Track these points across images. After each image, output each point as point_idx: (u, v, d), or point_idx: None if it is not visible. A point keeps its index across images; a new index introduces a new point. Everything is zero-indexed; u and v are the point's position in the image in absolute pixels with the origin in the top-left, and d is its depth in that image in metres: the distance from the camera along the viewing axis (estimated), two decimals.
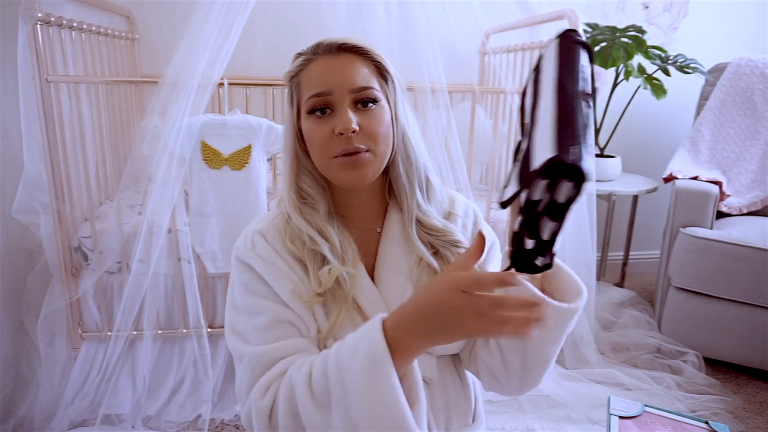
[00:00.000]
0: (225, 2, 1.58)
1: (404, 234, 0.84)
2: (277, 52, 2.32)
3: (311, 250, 0.79)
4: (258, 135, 1.61)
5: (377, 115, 0.78)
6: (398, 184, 0.84)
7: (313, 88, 0.77)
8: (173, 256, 1.66)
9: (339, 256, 0.79)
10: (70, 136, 1.62)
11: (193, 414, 1.63)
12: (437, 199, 0.87)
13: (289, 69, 0.83)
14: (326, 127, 0.76)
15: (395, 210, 0.86)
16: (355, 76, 0.77)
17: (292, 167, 0.83)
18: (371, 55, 0.79)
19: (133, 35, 2.24)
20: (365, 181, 0.77)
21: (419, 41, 1.74)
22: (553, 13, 1.78)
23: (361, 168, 0.76)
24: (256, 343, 0.74)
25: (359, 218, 0.86)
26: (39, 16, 1.43)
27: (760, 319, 1.86)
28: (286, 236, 0.80)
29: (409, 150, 0.83)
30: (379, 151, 0.77)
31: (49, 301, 1.63)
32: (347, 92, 0.76)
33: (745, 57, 2.35)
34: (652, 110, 2.67)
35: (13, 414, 1.57)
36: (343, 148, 0.75)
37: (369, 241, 0.85)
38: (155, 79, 1.60)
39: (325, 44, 0.79)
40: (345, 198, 0.84)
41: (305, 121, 0.79)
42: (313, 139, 0.78)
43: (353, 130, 0.74)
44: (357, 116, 0.76)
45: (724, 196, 2.14)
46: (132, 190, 1.95)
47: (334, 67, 0.77)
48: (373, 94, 0.78)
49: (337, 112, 0.76)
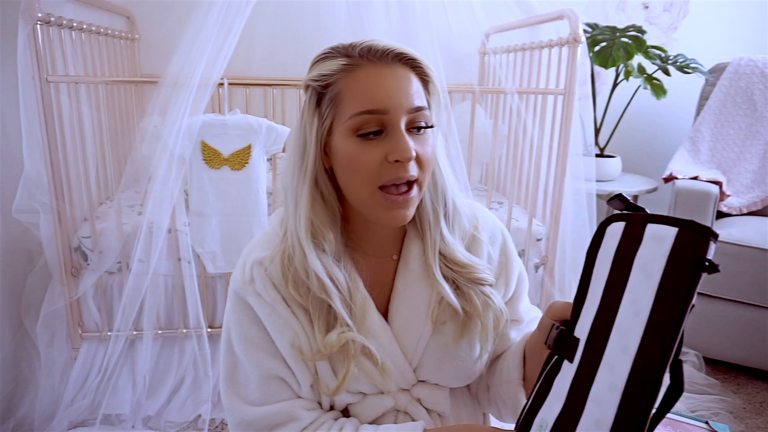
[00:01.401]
0: (225, 2, 1.58)
1: (424, 266, 0.75)
2: (277, 52, 2.32)
3: (318, 299, 0.69)
4: (258, 135, 1.61)
5: (428, 140, 0.68)
6: (422, 213, 0.75)
7: (364, 104, 0.64)
8: (173, 256, 1.66)
9: (348, 305, 0.70)
10: (70, 136, 1.62)
11: (193, 414, 1.62)
12: (463, 226, 0.78)
13: (321, 70, 0.68)
14: (377, 152, 0.64)
15: (415, 237, 0.76)
16: (412, 94, 0.66)
17: (310, 195, 0.69)
18: (424, 70, 0.69)
19: (133, 35, 2.24)
20: (407, 221, 0.68)
21: (419, 41, 1.74)
22: (553, 13, 1.78)
23: (408, 208, 0.67)
24: (246, 396, 0.71)
25: (375, 246, 0.76)
26: (39, 16, 1.43)
27: (760, 319, 1.86)
28: (289, 281, 0.69)
29: (437, 175, 0.74)
30: (425, 181, 0.69)
31: (49, 301, 1.63)
32: (404, 112, 0.65)
33: (745, 57, 2.35)
34: (652, 110, 2.67)
35: (13, 414, 1.57)
36: (397, 176, 0.65)
37: (384, 270, 0.77)
38: (155, 79, 1.60)
39: (378, 50, 0.66)
40: (363, 224, 0.74)
41: (345, 141, 0.66)
42: (359, 165, 0.65)
43: (412, 158, 0.64)
44: (412, 141, 0.65)
45: (724, 196, 2.14)
46: (132, 190, 1.95)
47: (389, 79, 0.65)
48: (428, 118, 0.68)
49: (391, 136, 0.65)
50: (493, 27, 2.17)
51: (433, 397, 0.77)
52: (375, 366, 0.71)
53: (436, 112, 0.71)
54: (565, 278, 1.92)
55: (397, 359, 0.74)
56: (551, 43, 1.84)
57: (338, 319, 0.69)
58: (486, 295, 0.75)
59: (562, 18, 1.75)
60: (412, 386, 0.77)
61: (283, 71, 2.32)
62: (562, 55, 1.79)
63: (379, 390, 0.74)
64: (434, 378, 0.77)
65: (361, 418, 0.75)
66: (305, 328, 0.71)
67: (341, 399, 0.74)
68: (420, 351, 0.75)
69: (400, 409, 0.76)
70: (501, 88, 1.90)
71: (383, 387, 0.73)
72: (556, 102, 1.81)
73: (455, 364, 0.76)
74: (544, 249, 1.87)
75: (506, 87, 1.86)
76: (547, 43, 1.86)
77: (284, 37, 2.32)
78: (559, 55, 1.81)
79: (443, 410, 0.78)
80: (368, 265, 0.75)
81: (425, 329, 0.74)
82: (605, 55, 2.16)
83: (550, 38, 1.85)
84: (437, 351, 0.75)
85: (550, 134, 1.86)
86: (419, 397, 0.77)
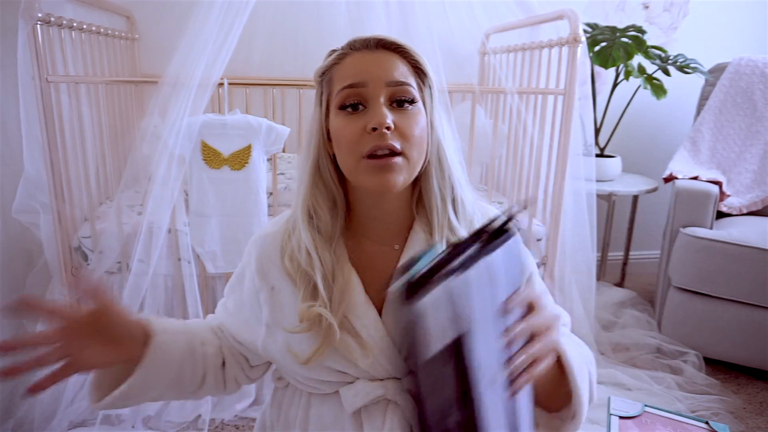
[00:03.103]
0: (225, 2, 1.58)
1: None
2: (277, 52, 2.32)
3: (305, 273, 0.75)
4: (258, 135, 1.61)
5: (413, 116, 0.72)
6: (430, 199, 0.77)
7: (346, 80, 0.72)
8: (173, 256, 1.66)
9: (329, 284, 0.74)
10: (69, 136, 1.61)
11: (193, 414, 1.62)
12: (466, 218, 0.80)
13: (320, 65, 0.77)
14: (358, 124, 0.71)
15: (421, 228, 0.79)
16: (393, 70, 0.72)
17: (311, 176, 0.76)
18: (410, 54, 0.75)
19: (133, 35, 2.24)
20: (395, 186, 0.71)
21: (419, 41, 1.74)
22: (553, 13, 1.78)
23: (393, 172, 0.70)
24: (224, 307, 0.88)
25: (378, 232, 0.80)
26: (39, 16, 1.43)
27: (760, 319, 1.86)
28: (286, 254, 0.77)
29: (444, 162, 0.77)
30: (412, 155, 0.72)
31: None
32: (383, 85, 0.71)
33: (745, 57, 2.35)
34: (652, 110, 2.67)
35: (13, 414, 1.57)
36: (376, 144, 0.69)
37: (384, 258, 0.79)
38: (155, 79, 1.60)
39: (362, 39, 0.75)
40: (367, 209, 0.78)
41: (335, 118, 0.73)
42: (342, 137, 0.72)
43: (388, 126, 0.69)
44: (392, 115, 0.71)
45: (724, 196, 2.14)
46: (132, 190, 1.95)
47: (371, 60, 0.73)
48: (411, 93, 0.73)
49: (370, 108, 0.71)
50: (493, 27, 2.17)
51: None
52: (356, 343, 0.74)
53: (430, 94, 0.76)
54: (565, 278, 1.92)
55: (381, 340, 0.75)
56: (551, 43, 1.83)
57: (318, 294, 0.74)
58: None
59: (562, 18, 1.75)
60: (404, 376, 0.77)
61: (283, 71, 2.32)
62: (562, 55, 1.79)
63: (370, 375, 0.76)
64: None
65: (351, 403, 0.76)
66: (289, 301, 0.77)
67: (325, 376, 0.76)
68: None
69: (390, 398, 0.76)
70: (501, 88, 1.90)
71: (363, 367, 0.74)
72: (556, 102, 1.81)
73: None
74: (544, 249, 1.87)
75: (506, 87, 1.87)
76: (547, 43, 1.86)
77: (284, 37, 2.32)
78: (559, 55, 1.81)
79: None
80: (367, 252, 0.79)
81: None
82: (605, 55, 2.16)
83: (550, 38, 1.85)
84: None
85: (550, 134, 1.86)
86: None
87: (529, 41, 1.99)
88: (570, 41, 1.70)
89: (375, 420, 0.76)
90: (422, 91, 0.75)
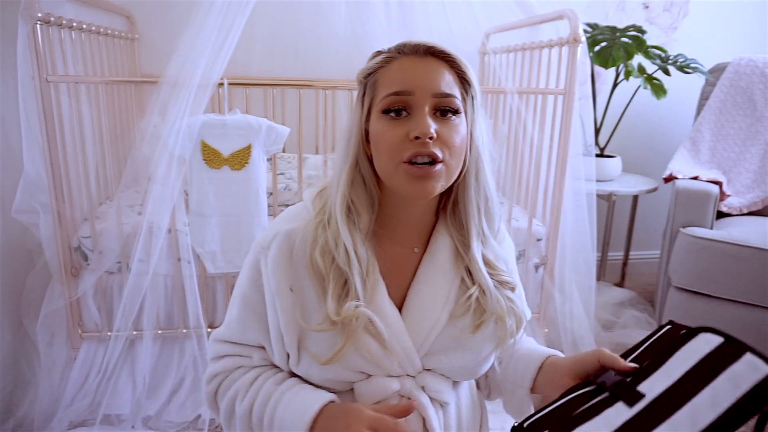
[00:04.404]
0: (225, 2, 1.58)
1: (452, 260, 0.79)
2: (277, 52, 2.32)
3: (339, 270, 0.74)
4: (258, 135, 1.61)
5: (455, 126, 0.73)
6: (467, 208, 0.79)
7: (393, 87, 0.72)
8: (173, 256, 1.66)
9: (363, 281, 0.74)
10: (69, 136, 1.61)
11: (193, 414, 1.62)
12: (495, 228, 0.82)
13: (366, 66, 0.77)
14: (400, 130, 0.71)
15: (444, 232, 0.81)
16: (440, 81, 0.72)
17: (350, 173, 0.76)
18: (458, 64, 0.75)
19: (133, 35, 2.24)
20: (432, 194, 0.72)
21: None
22: (553, 13, 1.78)
23: (431, 180, 0.71)
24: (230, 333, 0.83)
25: (401, 234, 0.81)
26: (39, 16, 1.43)
27: (760, 319, 1.86)
28: (317, 247, 0.74)
29: (480, 173, 0.78)
30: (452, 164, 0.73)
31: (48, 301, 1.63)
32: (429, 96, 0.71)
33: (745, 57, 2.35)
34: (652, 110, 2.67)
35: (13, 414, 1.57)
36: (417, 151, 0.70)
37: (403, 260, 0.80)
38: (155, 79, 1.60)
39: (412, 45, 0.74)
40: (394, 211, 0.79)
41: (377, 121, 0.73)
42: (383, 141, 0.72)
43: (431, 136, 0.69)
44: (435, 124, 0.71)
45: (725, 196, 2.14)
46: (132, 190, 1.95)
47: (419, 68, 0.73)
48: (456, 104, 0.73)
49: (414, 116, 0.71)
50: (493, 27, 2.16)
51: (437, 386, 0.79)
52: (378, 343, 0.74)
53: (472, 105, 0.76)
54: (565, 278, 1.92)
55: (403, 342, 0.76)
56: (551, 43, 1.83)
57: (350, 293, 0.73)
58: (510, 299, 0.80)
59: (562, 18, 1.75)
60: (418, 373, 0.79)
61: (283, 71, 2.32)
62: (562, 55, 1.79)
63: (387, 372, 0.76)
64: (441, 368, 0.79)
65: (366, 398, 0.77)
66: (310, 299, 0.75)
67: (343, 375, 0.76)
68: (431, 339, 0.77)
69: (404, 394, 0.77)
70: (501, 88, 1.90)
71: (383, 367, 0.75)
72: (556, 102, 1.81)
73: (464, 358, 0.78)
74: (544, 249, 1.87)
75: (506, 87, 1.87)
76: (547, 43, 1.86)
77: (284, 37, 2.32)
78: (559, 55, 1.81)
79: (446, 400, 0.80)
80: (388, 253, 0.79)
81: (440, 319, 0.77)
82: (605, 55, 2.15)
83: (550, 38, 1.85)
84: (449, 341, 0.78)
85: (550, 134, 1.86)
86: (423, 384, 0.79)
87: (529, 41, 1.99)
88: (570, 41, 1.70)
89: None
90: (465, 102, 0.76)
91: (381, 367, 0.75)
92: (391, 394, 0.77)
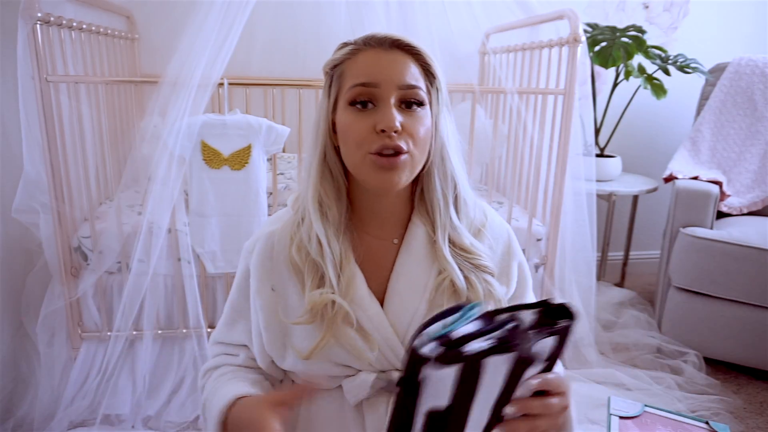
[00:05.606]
0: (225, 2, 1.58)
1: (427, 250, 0.80)
2: (277, 52, 2.32)
3: (313, 263, 0.76)
4: (258, 135, 1.61)
5: (420, 118, 0.74)
6: (431, 197, 0.80)
7: (359, 78, 0.73)
8: (173, 256, 1.66)
9: (337, 273, 0.76)
10: (69, 136, 1.61)
11: (193, 414, 1.62)
12: (468, 216, 0.83)
13: (332, 57, 0.78)
14: (367, 122, 0.72)
15: (420, 222, 0.81)
16: (405, 73, 0.73)
17: (319, 166, 0.78)
18: (423, 57, 0.76)
19: (133, 35, 2.24)
20: (398, 185, 0.73)
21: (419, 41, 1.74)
22: (553, 13, 1.78)
23: (397, 171, 0.72)
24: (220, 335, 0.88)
25: (377, 226, 0.81)
26: (39, 16, 1.43)
27: (760, 319, 1.86)
28: (294, 244, 0.78)
29: (446, 162, 0.79)
30: (416, 155, 0.74)
31: (48, 301, 1.63)
32: (395, 88, 0.72)
33: (745, 57, 2.35)
34: (652, 110, 2.67)
35: (12, 414, 1.57)
36: (383, 144, 0.71)
37: (383, 252, 0.81)
38: (155, 79, 1.60)
39: (378, 37, 0.75)
40: (367, 202, 0.80)
41: (343, 113, 0.74)
42: (350, 133, 0.73)
43: (396, 129, 0.70)
44: (400, 116, 0.72)
45: (725, 196, 2.14)
46: (132, 190, 1.95)
47: (385, 60, 0.74)
48: (420, 96, 0.74)
49: (380, 108, 0.72)
50: (493, 27, 2.17)
51: None
52: (359, 335, 0.75)
53: (437, 97, 0.77)
54: (565, 278, 1.92)
55: (385, 333, 0.76)
56: (551, 43, 1.83)
57: (326, 284, 0.75)
58: (488, 282, 0.79)
59: (562, 18, 1.75)
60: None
61: (283, 71, 2.32)
62: (562, 55, 1.79)
63: (370, 364, 0.76)
64: None
65: (354, 395, 0.77)
66: (293, 297, 0.78)
67: (328, 370, 0.77)
68: (413, 329, 0.77)
69: (393, 390, 0.77)
70: (501, 88, 1.90)
71: (366, 359, 0.75)
72: (556, 102, 1.81)
73: None
74: (544, 249, 1.87)
75: (506, 87, 1.86)
76: (547, 43, 1.86)
77: (284, 37, 2.32)
78: (559, 55, 1.81)
79: None
80: (366, 246, 0.80)
81: (419, 308, 0.78)
82: (605, 55, 2.16)
83: (550, 38, 1.85)
84: None
85: (550, 134, 1.86)
86: None
87: (529, 41, 1.99)
88: (570, 41, 1.70)
89: (377, 411, 0.77)
90: (430, 93, 0.77)
91: (364, 359, 0.75)
92: (380, 389, 0.77)
